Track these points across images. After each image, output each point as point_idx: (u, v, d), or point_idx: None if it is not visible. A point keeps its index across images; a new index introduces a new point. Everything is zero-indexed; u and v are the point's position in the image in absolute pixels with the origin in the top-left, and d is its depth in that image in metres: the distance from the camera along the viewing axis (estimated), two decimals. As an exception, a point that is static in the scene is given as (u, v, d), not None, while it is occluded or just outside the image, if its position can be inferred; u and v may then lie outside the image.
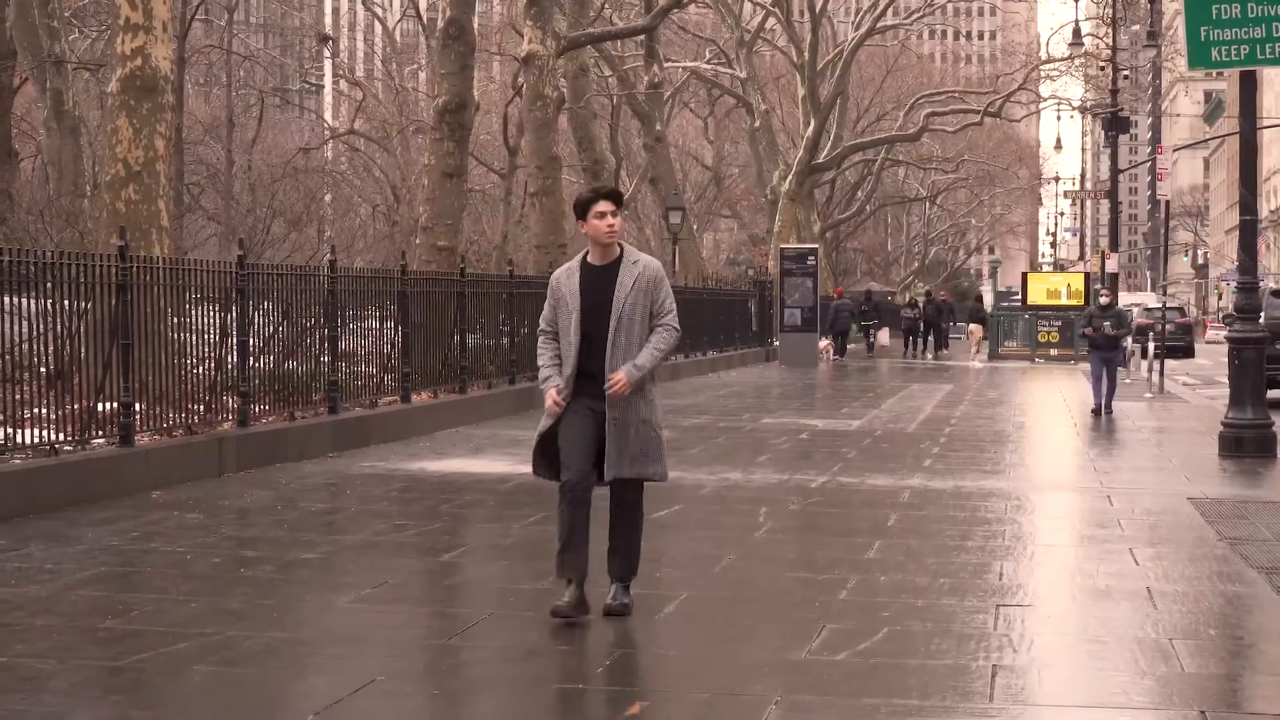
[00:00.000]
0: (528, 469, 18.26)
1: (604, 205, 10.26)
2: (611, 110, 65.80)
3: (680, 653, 9.59)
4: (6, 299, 15.44)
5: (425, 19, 69.72)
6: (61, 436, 16.09)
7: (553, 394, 10.21)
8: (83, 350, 17.25)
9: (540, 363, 10.43)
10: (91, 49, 52.82)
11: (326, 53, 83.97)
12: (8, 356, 15.71)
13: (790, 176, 65.66)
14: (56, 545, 12.94)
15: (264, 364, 20.54)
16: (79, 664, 8.95)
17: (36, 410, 16.17)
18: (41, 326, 16.42)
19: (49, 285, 16.49)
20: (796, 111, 72.63)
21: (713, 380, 40.38)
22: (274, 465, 18.56)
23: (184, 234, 39.74)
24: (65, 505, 14.94)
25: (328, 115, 79.98)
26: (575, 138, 50.17)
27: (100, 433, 16.58)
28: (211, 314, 19.40)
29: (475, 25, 36.08)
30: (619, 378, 10.03)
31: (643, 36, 54.27)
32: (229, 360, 19.32)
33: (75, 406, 16.55)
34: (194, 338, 19.16)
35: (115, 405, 16.72)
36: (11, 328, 15.68)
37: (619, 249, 10.37)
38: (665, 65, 61.24)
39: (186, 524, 14.23)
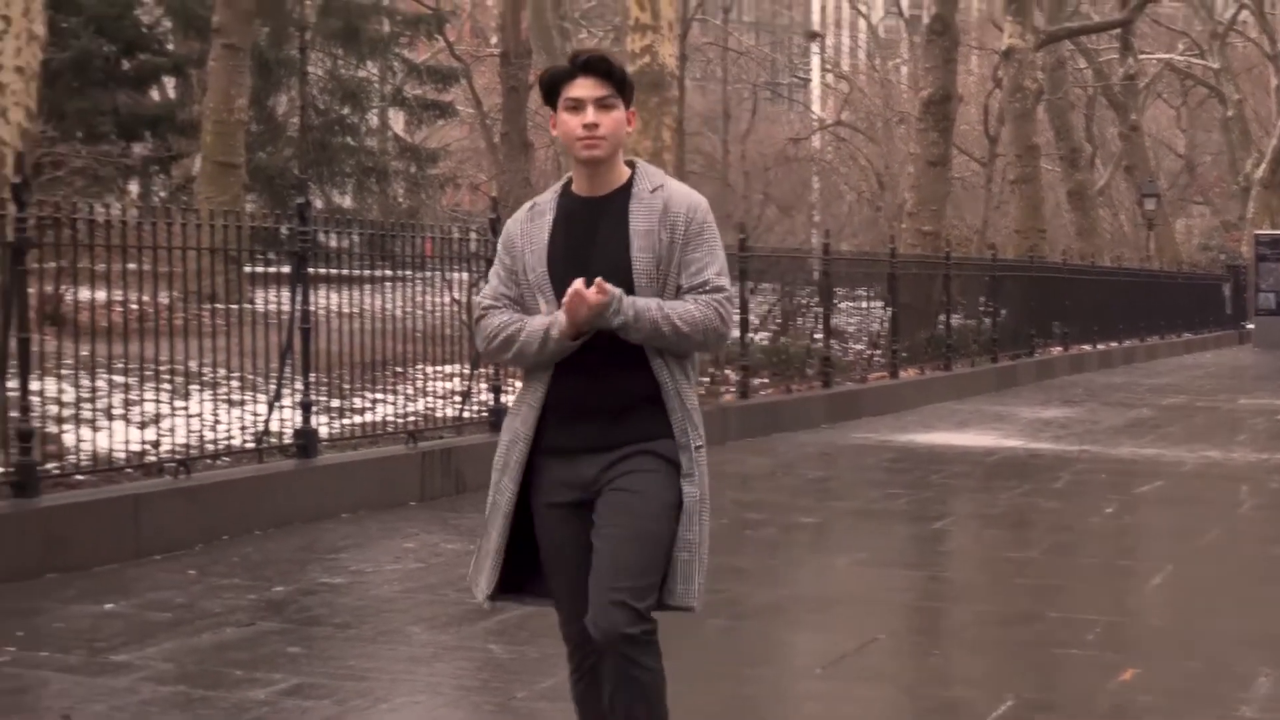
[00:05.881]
0: (1013, 443, 18.36)
1: (581, 87, 5.10)
2: (1087, 100, 64.62)
3: (1168, 622, 9.35)
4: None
5: (907, 15, 69.39)
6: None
7: (561, 316, 5.02)
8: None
9: (492, 333, 5.20)
10: (598, 47, 53.92)
11: (814, 48, 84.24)
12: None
13: (1263, 164, 63.58)
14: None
15: (760, 340, 20.80)
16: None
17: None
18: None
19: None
20: (1269, 101, 70.23)
21: (1186, 361, 39.33)
22: (771, 434, 18.69)
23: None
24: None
25: (815, 107, 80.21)
26: (1053, 127, 49.47)
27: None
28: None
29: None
30: (593, 293, 4.96)
31: (1118, 29, 53.11)
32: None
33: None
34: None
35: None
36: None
37: (629, 169, 5.25)
38: (1139, 57, 59.86)
39: (693, 487, 14.42)
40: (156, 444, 11.85)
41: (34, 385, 10.51)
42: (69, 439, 11.35)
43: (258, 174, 33.91)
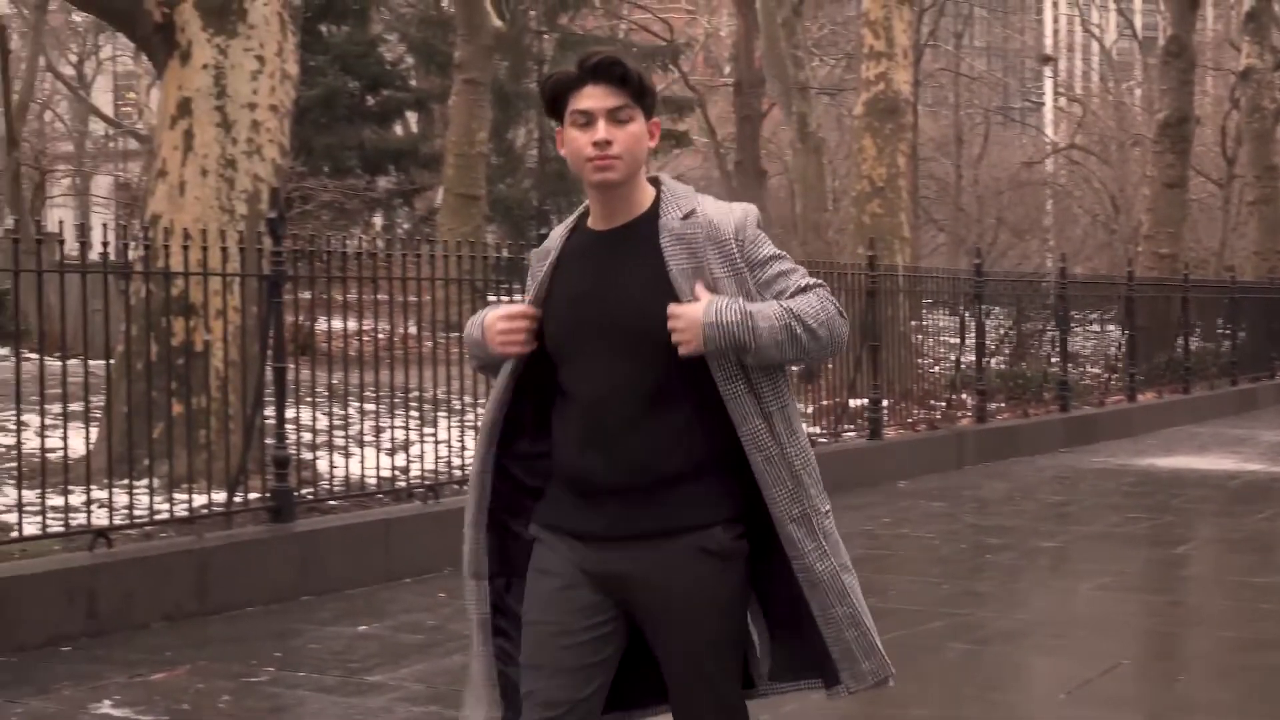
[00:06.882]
0: (1255, 467, 17.99)
1: (590, 97, 4.05)
2: (1326, 119, 63.23)
3: None
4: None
5: (1141, 37, 68.49)
6: (816, 429, 16.49)
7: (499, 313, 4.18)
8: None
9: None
10: (830, 75, 53.93)
11: (1047, 72, 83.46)
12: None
13: None
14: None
15: (996, 364, 20.64)
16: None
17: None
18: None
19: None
20: None
21: None
22: (1008, 459, 18.49)
23: (918, 244, 40.18)
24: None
25: (1048, 130, 79.39)
26: (1292, 147, 48.46)
27: (850, 426, 16.91)
28: (945, 318, 19.59)
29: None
30: (695, 310, 3.93)
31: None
32: (963, 360, 19.43)
33: (828, 402, 16.94)
34: (930, 339, 19.36)
35: (864, 401, 17.03)
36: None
37: (653, 190, 4.12)
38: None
39: (932, 512, 14.36)
40: (405, 470, 12.05)
41: (289, 413, 10.76)
42: (322, 465, 11.58)
43: (497, 205, 34.39)
